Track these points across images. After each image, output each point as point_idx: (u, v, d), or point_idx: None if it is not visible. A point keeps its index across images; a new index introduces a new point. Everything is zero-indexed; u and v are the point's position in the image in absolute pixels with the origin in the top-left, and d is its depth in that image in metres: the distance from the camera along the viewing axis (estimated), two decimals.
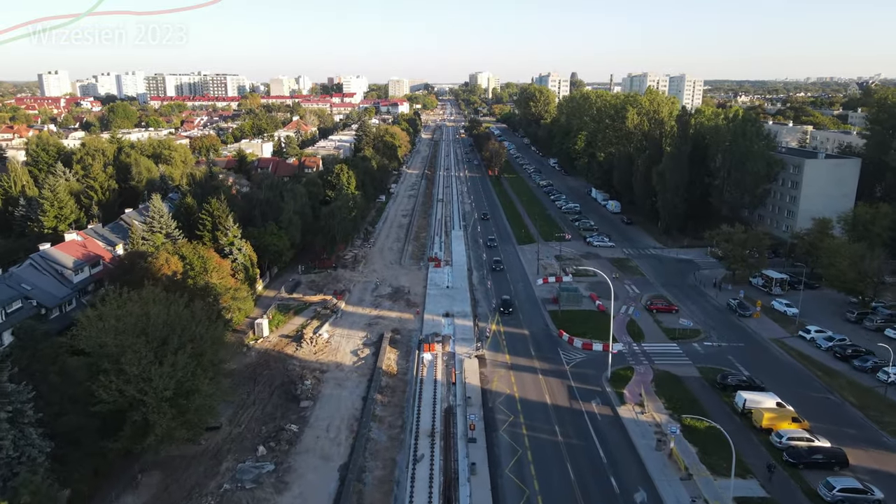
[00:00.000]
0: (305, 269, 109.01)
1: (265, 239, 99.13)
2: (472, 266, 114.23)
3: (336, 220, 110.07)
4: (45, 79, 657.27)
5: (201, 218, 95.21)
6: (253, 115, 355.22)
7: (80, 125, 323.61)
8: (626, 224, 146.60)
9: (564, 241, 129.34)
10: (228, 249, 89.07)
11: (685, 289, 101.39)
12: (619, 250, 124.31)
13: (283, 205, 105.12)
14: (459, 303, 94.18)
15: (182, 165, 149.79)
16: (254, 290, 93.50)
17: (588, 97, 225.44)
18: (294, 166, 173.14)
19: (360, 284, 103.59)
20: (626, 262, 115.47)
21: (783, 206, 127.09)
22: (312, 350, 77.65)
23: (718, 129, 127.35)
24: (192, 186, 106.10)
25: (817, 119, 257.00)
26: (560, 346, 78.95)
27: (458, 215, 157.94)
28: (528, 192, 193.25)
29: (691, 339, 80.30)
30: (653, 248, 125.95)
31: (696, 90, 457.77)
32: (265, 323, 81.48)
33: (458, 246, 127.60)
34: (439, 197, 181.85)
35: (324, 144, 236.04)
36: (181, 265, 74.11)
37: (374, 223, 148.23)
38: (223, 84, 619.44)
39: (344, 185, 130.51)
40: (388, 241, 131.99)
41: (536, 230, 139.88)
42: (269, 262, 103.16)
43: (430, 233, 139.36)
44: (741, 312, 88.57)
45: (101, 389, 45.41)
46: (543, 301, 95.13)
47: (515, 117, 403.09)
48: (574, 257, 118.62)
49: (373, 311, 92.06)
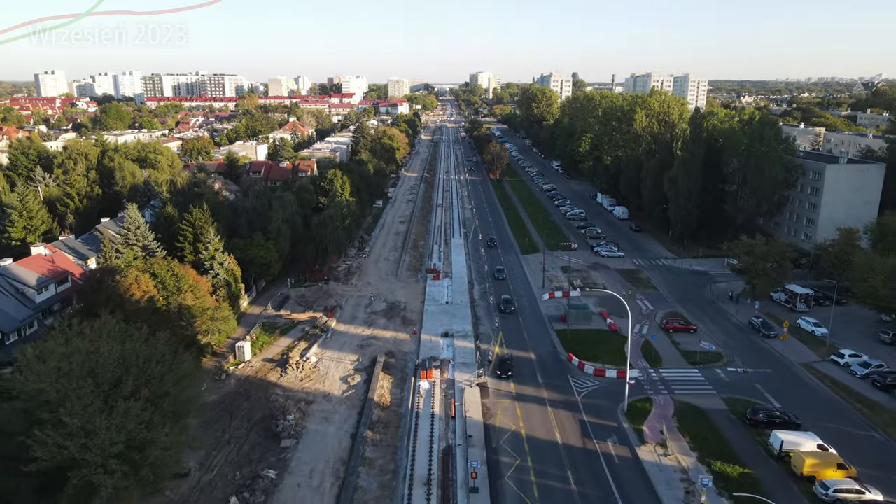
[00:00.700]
0: (295, 283, 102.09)
1: (251, 251, 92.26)
2: (472, 278, 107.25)
3: (328, 230, 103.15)
4: (42, 79, 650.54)
5: (182, 229, 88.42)
6: (249, 116, 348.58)
7: (73, 126, 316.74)
8: (635, 231, 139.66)
9: (571, 251, 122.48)
10: (209, 264, 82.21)
11: (702, 304, 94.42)
12: (629, 261, 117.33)
13: (272, 213, 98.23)
14: (459, 321, 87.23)
15: (169, 170, 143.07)
16: (237, 307, 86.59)
17: (592, 98, 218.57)
18: (287, 170, 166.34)
19: (353, 299, 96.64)
20: (636, 274, 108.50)
21: (802, 213, 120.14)
22: (298, 377, 70.70)
23: (734, 133, 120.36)
24: (173, 194, 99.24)
25: (828, 120, 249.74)
26: (570, 372, 71.99)
27: (459, 221, 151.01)
28: (530, 196, 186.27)
29: (713, 364, 73.31)
30: (664, 259, 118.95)
31: (701, 90, 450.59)
32: (247, 346, 74.52)
33: (458, 256, 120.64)
34: (439, 202, 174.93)
35: (320, 147, 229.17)
36: (152, 284, 67.26)
37: (370, 230, 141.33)
38: (221, 84, 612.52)
39: (337, 192, 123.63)
40: (385, 251, 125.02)
41: (541, 238, 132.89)
42: (256, 276, 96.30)
43: (428, 241, 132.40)
44: (765, 333, 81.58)
45: (37, 445, 38.47)
46: (550, 319, 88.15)
47: (517, 118, 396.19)
48: (581, 269, 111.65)
49: (366, 330, 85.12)
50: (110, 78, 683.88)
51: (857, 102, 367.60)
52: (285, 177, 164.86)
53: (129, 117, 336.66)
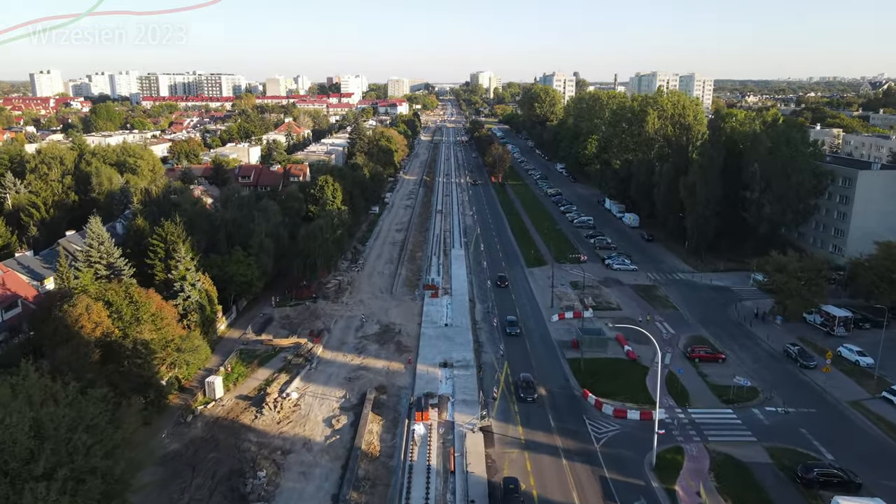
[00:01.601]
0: (280, 301, 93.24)
1: (230, 268, 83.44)
2: (474, 296, 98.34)
3: (316, 243, 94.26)
4: (37, 78, 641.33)
5: (152, 244, 79.70)
6: (245, 117, 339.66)
7: (62, 127, 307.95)
8: (647, 241, 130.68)
9: (580, 264, 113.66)
10: (179, 285, 73.36)
11: (728, 327, 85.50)
12: (644, 275, 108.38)
13: (253, 226, 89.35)
14: (460, 347, 78.34)
15: (150, 175, 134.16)
16: (212, 332, 77.72)
17: (598, 98, 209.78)
18: (278, 175, 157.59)
19: (342, 321, 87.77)
20: (653, 291, 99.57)
21: (830, 223, 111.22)
22: (276, 418, 61.83)
23: (756, 136, 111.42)
24: (146, 204, 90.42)
25: (844, 121, 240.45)
26: (585, 412, 63.08)
27: (459, 230, 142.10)
28: (535, 201, 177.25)
29: (749, 403, 64.42)
30: (681, 272, 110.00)
31: (706, 90, 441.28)
32: (218, 382, 65.59)
33: (458, 269, 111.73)
34: (438, 207, 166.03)
35: (315, 149, 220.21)
36: (106, 314, 58.43)
37: (365, 239, 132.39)
38: (218, 84, 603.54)
39: (328, 200, 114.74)
40: (380, 263, 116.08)
41: (547, 249, 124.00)
42: (236, 295, 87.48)
43: (426, 252, 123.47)
44: (803, 363, 72.61)
45: None
46: (560, 344, 79.25)
47: (518, 118, 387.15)
48: (592, 284, 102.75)
49: (355, 358, 76.23)
50: (106, 77, 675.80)
51: (868, 102, 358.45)
52: (276, 181, 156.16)
53: (120, 118, 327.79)
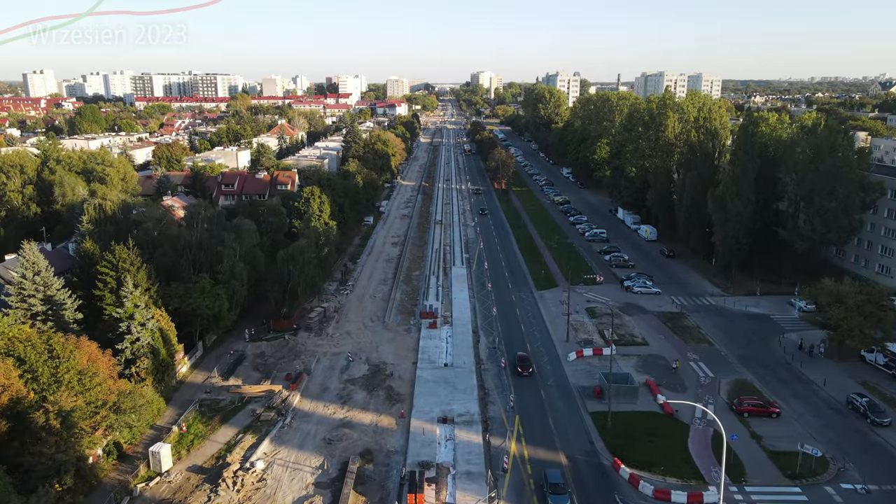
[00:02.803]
0: (255, 335, 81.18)
1: (194, 299, 71.46)
2: (478, 325, 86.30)
3: (297, 267, 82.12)
4: (30, 78, 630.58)
5: (100, 273, 67.67)
6: (238, 118, 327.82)
7: (47, 129, 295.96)
8: (668, 257, 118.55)
9: (595, 285, 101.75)
10: (125, 326, 61.34)
11: (774, 367, 73.45)
12: (668, 298, 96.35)
13: (224, 249, 77.27)
14: (462, 396, 66.31)
15: (121, 184, 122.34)
16: (168, 378, 65.61)
17: (608, 99, 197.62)
18: (265, 182, 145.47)
19: (326, 359, 75.70)
20: (681, 320, 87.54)
21: (876, 241, 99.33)
22: (234, 499, 49.75)
23: (793, 142, 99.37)
24: (99, 223, 78.37)
25: (866, 124, 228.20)
26: (618, 491, 50.97)
27: (460, 243, 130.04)
28: (541, 211, 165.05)
29: (820, 478, 52.33)
30: (710, 296, 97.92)
31: (714, 90, 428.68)
32: (165, 451, 53.43)
33: (460, 292, 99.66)
34: (438, 218, 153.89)
35: (307, 153, 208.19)
36: (16, 374, 46.40)
37: (357, 256, 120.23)
38: (213, 84, 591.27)
39: (314, 214, 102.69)
40: (372, 285, 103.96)
41: (557, 268, 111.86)
42: (203, 329, 75.48)
43: (424, 271, 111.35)
44: (875, 419, 60.53)
45: None
46: (581, 392, 67.23)
47: (521, 120, 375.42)
48: (612, 311, 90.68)
49: (338, 409, 64.18)
50: (101, 78, 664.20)
51: (883, 103, 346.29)
52: (262, 190, 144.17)
53: (110, 119, 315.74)
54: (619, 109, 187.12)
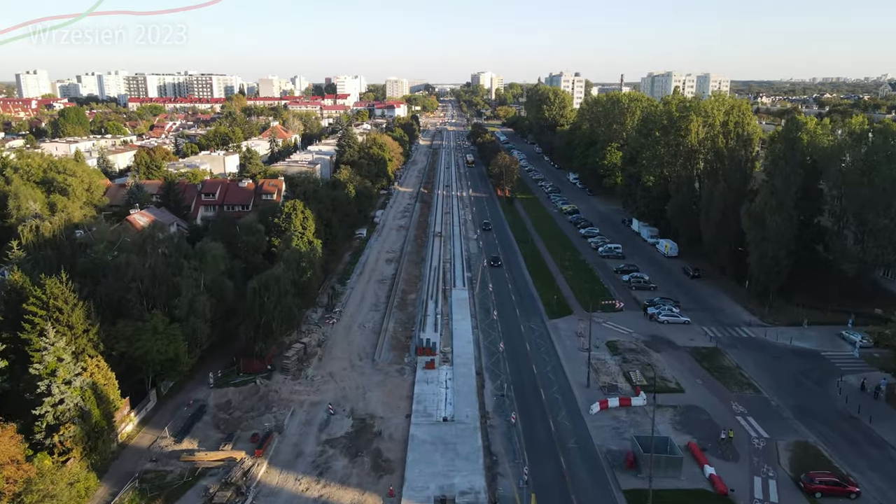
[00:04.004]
0: (221, 378, 69.21)
1: (143, 342, 59.57)
2: (483, 365, 74.33)
3: (272, 297, 70.16)
4: (23, 79, 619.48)
5: (27, 313, 55.92)
6: (231, 120, 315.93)
7: (30, 132, 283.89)
8: (693, 278, 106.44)
9: (615, 312, 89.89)
10: (46, 385, 49.47)
11: (837, 422, 61.46)
12: (699, 329, 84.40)
13: (180, 280, 65.33)
14: (465, 464, 54.33)
15: (85, 195, 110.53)
16: (104, 446, 53.61)
17: (618, 101, 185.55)
18: (248, 191, 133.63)
19: (302, 411, 63.75)
20: (718, 359, 75.55)
21: None
22: None
23: (839, 150, 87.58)
24: (35, 248, 66.44)
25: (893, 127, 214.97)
26: None
27: (461, 260, 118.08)
28: (549, 221, 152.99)
29: None
30: (747, 326, 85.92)
31: (722, 92, 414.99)
32: None
33: (461, 321, 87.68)
34: (437, 229, 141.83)
35: (298, 158, 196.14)
36: None
37: (347, 276, 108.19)
38: (209, 84, 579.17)
39: (296, 232, 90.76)
40: (362, 311, 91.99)
41: (571, 291, 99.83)
42: (157, 375, 63.57)
43: (421, 294, 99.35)
44: None
45: None
46: (610, 459, 55.27)
47: (524, 121, 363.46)
48: (636, 346, 78.87)
49: (312, 484, 52.20)
50: (95, 78, 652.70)
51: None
52: (246, 200, 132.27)
53: (97, 120, 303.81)
54: (631, 112, 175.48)
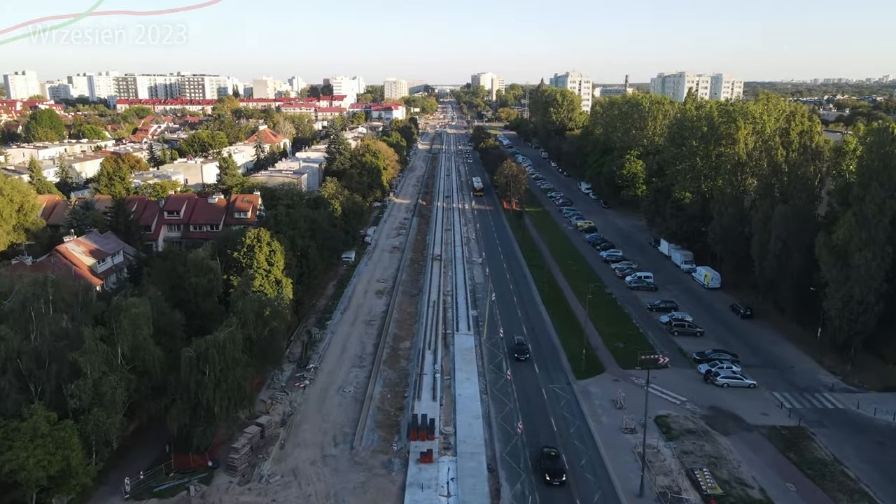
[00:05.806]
0: (142, 483, 50.83)
1: (14, 453, 41.39)
2: (496, 455, 56.14)
3: (214, 371, 51.83)
4: (11, 80, 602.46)
5: None
6: (220, 122, 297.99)
7: (3, 136, 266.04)
8: (743, 318, 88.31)
9: (659, 368, 71.60)
10: None
11: None
12: (769, 396, 66.23)
13: (81, 356, 47.06)
14: None
15: (16, 217, 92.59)
16: None
17: (637, 104, 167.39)
18: (219, 209, 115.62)
19: None
20: (807, 447, 57.22)
21: None
22: None
23: None
24: None
25: None
26: None
27: (465, 292, 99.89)
28: (563, 241, 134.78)
29: None
30: (829, 392, 67.69)
31: (735, 94, 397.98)
32: None
33: (466, 382, 69.43)
34: (436, 252, 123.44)
35: (284, 166, 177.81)
36: None
37: (328, 313, 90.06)
38: (201, 85, 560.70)
39: (260, 269, 72.41)
40: (342, 368, 73.75)
41: (601, 339, 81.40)
42: (44, 491, 45.34)
43: (416, 342, 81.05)
44: None
45: None
46: None
47: (527, 124, 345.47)
48: (694, 426, 60.62)
49: None
50: (86, 79, 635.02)
51: None
52: (216, 219, 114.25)
53: (70, 125, 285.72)
54: (653, 115, 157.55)
